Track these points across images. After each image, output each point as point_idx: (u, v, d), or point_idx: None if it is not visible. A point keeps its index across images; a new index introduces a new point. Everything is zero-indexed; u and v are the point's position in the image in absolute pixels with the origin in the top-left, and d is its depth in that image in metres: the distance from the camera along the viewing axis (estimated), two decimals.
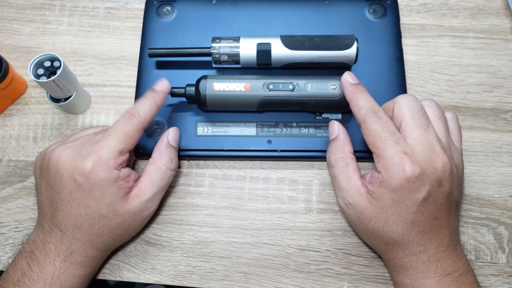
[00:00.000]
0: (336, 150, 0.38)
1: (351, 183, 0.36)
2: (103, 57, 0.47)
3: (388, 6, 0.46)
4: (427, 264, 0.34)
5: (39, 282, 0.35)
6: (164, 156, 0.38)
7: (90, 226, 0.35)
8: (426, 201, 0.33)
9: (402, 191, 0.33)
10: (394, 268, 0.36)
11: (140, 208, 0.37)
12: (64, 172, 0.35)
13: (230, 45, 0.41)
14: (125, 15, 0.49)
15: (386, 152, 0.33)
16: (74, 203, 0.35)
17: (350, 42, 0.40)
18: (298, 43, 0.41)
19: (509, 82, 0.46)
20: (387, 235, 0.35)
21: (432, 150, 0.34)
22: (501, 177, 0.43)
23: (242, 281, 0.40)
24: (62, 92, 0.41)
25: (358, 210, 0.35)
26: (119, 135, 0.36)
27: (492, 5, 0.49)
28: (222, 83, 0.40)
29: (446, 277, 0.34)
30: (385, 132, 0.34)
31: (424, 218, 0.34)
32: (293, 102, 0.40)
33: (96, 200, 0.35)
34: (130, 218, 0.36)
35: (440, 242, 0.34)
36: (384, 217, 0.34)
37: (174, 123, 0.42)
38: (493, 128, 0.44)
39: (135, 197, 0.36)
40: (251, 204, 0.42)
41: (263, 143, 0.42)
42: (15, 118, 0.46)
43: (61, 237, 0.35)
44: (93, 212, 0.35)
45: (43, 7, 0.50)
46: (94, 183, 0.34)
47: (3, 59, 0.42)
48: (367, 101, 0.36)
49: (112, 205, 0.35)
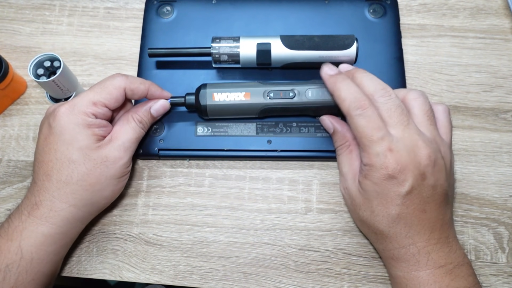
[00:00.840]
0: (339, 141, 0.39)
1: (352, 168, 0.37)
2: (103, 57, 0.47)
3: (388, 6, 0.46)
4: (417, 256, 0.34)
5: (3, 237, 0.34)
6: (137, 115, 0.39)
7: (58, 173, 0.35)
8: (410, 195, 0.34)
9: (384, 185, 0.34)
10: (386, 260, 0.37)
11: (112, 154, 0.37)
12: (45, 119, 0.37)
13: (230, 45, 0.41)
14: (125, 15, 0.49)
15: (371, 149, 0.34)
16: (47, 148, 0.36)
17: (350, 42, 0.40)
18: (298, 43, 0.41)
19: (509, 82, 0.46)
20: (375, 226, 0.35)
21: (415, 145, 0.34)
22: (501, 177, 0.43)
23: (242, 281, 0.40)
24: (62, 92, 0.41)
25: (351, 196, 0.37)
26: (96, 87, 0.37)
27: (492, 5, 0.49)
28: (222, 93, 0.40)
29: (439, 270, 0.34)
30: (370, 128, 0.34)
31: (410, 211, 0.34)
32: (294, 109, 0.40)
33: (66, 144, 0.35)
34: (102, 164, 0.36)
35: (430, 235, 0.35)
36: (370, 207, 0.35)
37: (174, 123, 0.42)
38: (493, 128, 0.44)
39: (108, 142, 0.37)
40: (251, 204, 0.42)
41: (263, 143, 0.42)
42: (15, 118, 0.46)
43: (33, 188, 0.36)
44: (62, 156, 0.35)
45: (43, 7, 0.50)
46: (65, 125, 0.35)
47: (3, 59, 0.42)
48: (349, 91, 0.35)
49: (83, 149, 0.36)
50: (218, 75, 0.44)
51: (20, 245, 0.34)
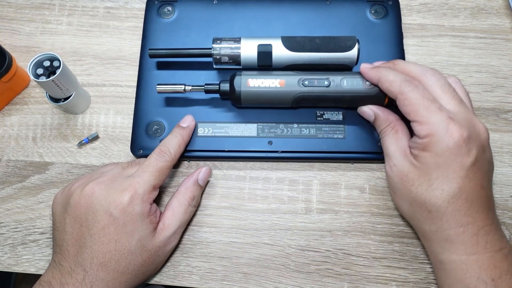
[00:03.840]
0: (382, 124, 0.38)
1: (399, 146, 0.36)
2: (103, 57, 0.47)
3: (390, 7, 0.46)
4: (477, 237, 0.32)
5: None
6: (189, 193, 0.39)
7: (117, 264, 0.35)
8: (474, 166, 0.32)
9: (448, 155, 0.32)
10: (438, 243, 0.34)
11: (164, 243, 0.37)
12: (99, 207, 0.35)
13: (231, 46, 0.41)
14: (124, 15, 0.49)
15: (431, 119, 0.33)
16: (105, 239, 0.34)
17: (351, 43, 0.40)
18: (299, 45, 0.41)
19: (509, 82, 0.46)
20: (431, 201, 0.33)
21: (471, 118, 0.34)
22: (502, 177, 0.43)
23: (242, 281, 0.40)
24: (62, 92, 0.41)
25: (401, 171, 0.35)
26: (153, 171, 0.37)
27: (493, 5, 0.49)
28: (257, 79, 0.40)
29: (498, 254, 0.32)
30: (426, 99, 0.33)
31: (472, 185, 0.32)
32: (328, 98, 0.40)
33: (127, 235, 0.35)
34: (155, 254, 0.37)
35: (487, 214, 0.33)
36: (428, 180, 0.33)
37: (174, 123, 0.42)
38: (494, 128, 0.44)
39: (161, 232, 0.37)
40: (251, 204, 0.42)
41: (264, 144, 0.42)
42: (15, 118, 0.46)
43: (83, 277, 0.34)
44: (123, 248, 0.35)
45: (43, 7, 0.50)
46: (129, 217, 0.35)
47: (7, 52, 0.42)
48: (396, 74, 0.36)
49: (141, 240, 0.35)
50: (219, 76, 0.44)
51: None
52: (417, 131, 0.34)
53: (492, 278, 0.31)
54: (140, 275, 0.37)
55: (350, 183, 0.43)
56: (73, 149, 0.44)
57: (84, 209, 0.35)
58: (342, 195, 0.42)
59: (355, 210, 0.42)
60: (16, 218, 0.42)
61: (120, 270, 0.35)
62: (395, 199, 0.37)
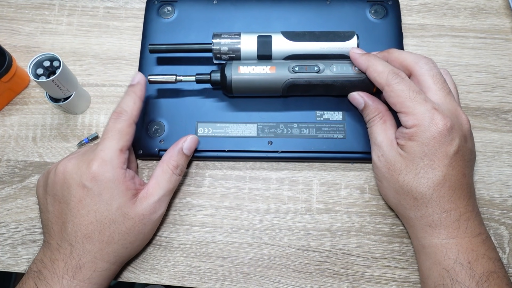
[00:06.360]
0: (371, 113, 0.39)
1: (387, 136, 0.37)
2: (103, 57, 0.47)
3: (390, 7, 0.46)
4: (458, 223, 0.34)
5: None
6: (173, 161, 0.38)
7: (100, 234, 0.35)
8: (457, 155, 0.34)
9: (433, 144, 0.34)
10: (422, 229, 0.36)
11: (149, 211, 0.37)
12: (72, 181, 0.35)
13: (231, 41, 0.41)
14: (124, 15, 0.49)
15: (416, 110, 0.34)
16: (84, 211, 0.35)
17: (350, 34, 0.41)
18: (299, 36, 0.41)
19: (509, 82, 0.46)
20: (417, 189, 0.35)
21: (455, 109, 0.35)
22: (502, 177, 0.43)
23: (242, 281, 0.40)
24: (62, 92, 0.41)
25: (389, 161, 0.36)
26: (113, 134, 0.36)
27: (493, 5, 0.49)
28: (248, 66, 0.40)
29: (476, 238, 0.34)
30: (412, 91, 0.35)
31: (455, 172, 0.34)
32: (318, 84, 0.40)
33: (105, 204, 0.35)
34: (140, 222, 0.36)
35: (468, 201, 0.35)
36: (415, 169, 0.35)
37: (174, 123, 0.42)
38: (494, 128, 0.44)
39: (144, 199, 0.36)
40: (251, 204, 0.42)
41: (264, 144, 0.42)
42: (15, 118, 0.46)
43: (70, 251, 0.35)
44: (103, 218, 0.35)
45: (43, 7, 0.50)
46: (103, 185, 0.35)
47: (7, 52, 0.42)
48: (384, 65, 0.37)
49: (122, 207, 0.35)
50: None
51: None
52: (404, 121, 0.35)
53: (468, 260, 0.33)
54: (128, 245, 0.36)
55: (350, 183, 0.43)
56: (73, 149, 0.44)
57: (59, 186, 0.36)
58: (342, 195, 0.42)
59: (355, 210, 0.42)
60: (16, 218, 0.42)
61: (105, 240, 0.35)
62: (381, 187, 0.39)
